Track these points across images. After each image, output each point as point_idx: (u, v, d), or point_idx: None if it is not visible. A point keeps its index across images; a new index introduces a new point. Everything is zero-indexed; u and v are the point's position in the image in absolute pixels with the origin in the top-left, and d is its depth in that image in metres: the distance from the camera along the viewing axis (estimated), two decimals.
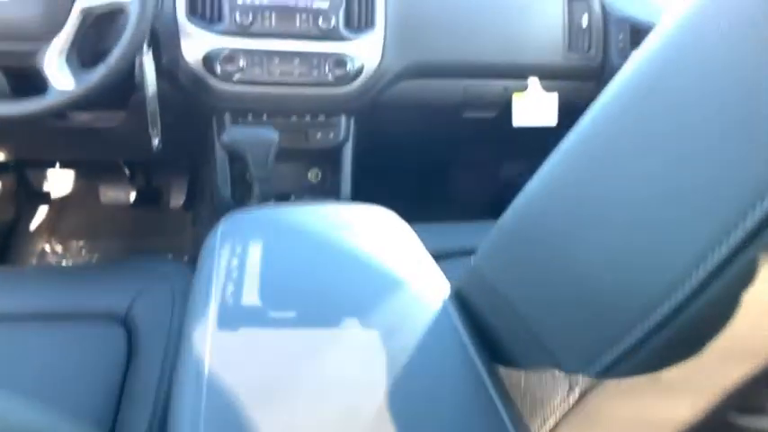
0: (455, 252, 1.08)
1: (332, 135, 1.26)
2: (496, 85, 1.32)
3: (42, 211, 1.74)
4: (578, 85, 1.37)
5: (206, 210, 1.77)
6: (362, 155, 1.32)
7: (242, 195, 1.23)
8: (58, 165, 1.64)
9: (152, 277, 0.90)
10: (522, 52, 1.30)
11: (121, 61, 0.86)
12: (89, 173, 1.75)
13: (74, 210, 1.75)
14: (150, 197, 1.76)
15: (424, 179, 1.83)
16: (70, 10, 0.84)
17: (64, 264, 0.91)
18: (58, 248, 1.70)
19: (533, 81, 1.32)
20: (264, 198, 1.06)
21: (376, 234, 0.62)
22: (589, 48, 1.33)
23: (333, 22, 1.13)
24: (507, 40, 1.28)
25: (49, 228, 1.73)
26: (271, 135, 1.03)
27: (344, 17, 1.15)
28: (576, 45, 1.33)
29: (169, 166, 1.70)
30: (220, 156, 1.23)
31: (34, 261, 1.66)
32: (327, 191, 1.32)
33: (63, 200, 1.73)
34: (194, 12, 1.09)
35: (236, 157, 1.10)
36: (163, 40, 1.07)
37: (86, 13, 0.85)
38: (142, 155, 1.48)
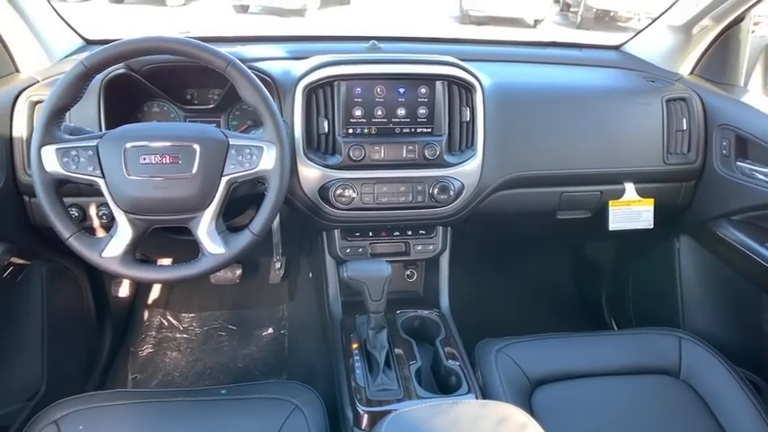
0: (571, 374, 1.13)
1: (431, 247, 1.33)
2: (592, 190, 1.34)
3: (157, 288, 1.93)
4: (676, 186, 1.37)
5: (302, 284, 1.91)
6: (457, 259, 1.38)
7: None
8: None
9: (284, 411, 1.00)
10: (619, 160, 1.32)
11: (265, 228, 0.97)
12: None
13: (185, 287, 1.93)
14: (252, 272, 1.91)
15: (516, 285, 1.89)
16: (219, 182, 0.96)
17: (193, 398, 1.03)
18: (173, 321, 1.89)
19: (629, 187, 1.33)
20: (377, 319, 1.14)
21: None
22: (688, 150, 1.33)
23: (437, 150, 1.21)
24: (605, 149, 1.31)
25: (164, 303, 1.92)
26: (385, 269, 1.11)
27: (447, 144, 1.22)
28: (674, 147, 1.33)
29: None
30: (331, 270, 1.33)
31: (153, 333, 1.85)
32: (424, 299, 1.40)
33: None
34: (311, 146, 1.19)
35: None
36: None
37: (232, 183, 0.97)
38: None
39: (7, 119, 1.13)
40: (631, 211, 1.34)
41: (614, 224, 1.35)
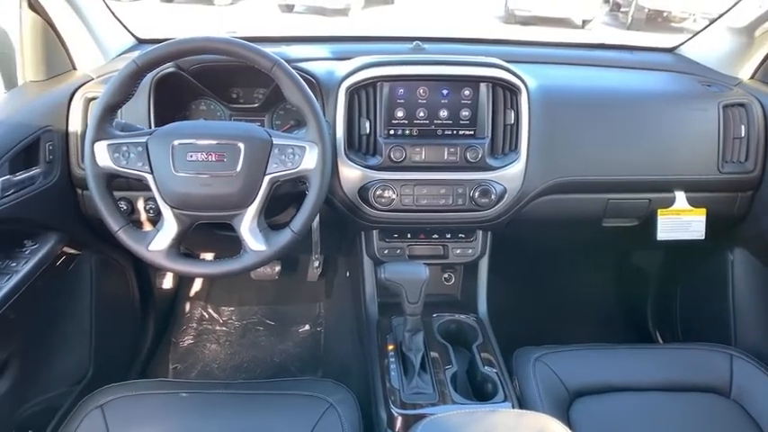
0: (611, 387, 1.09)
1: (470, 251, 1.31)
2: (641, 198, 1.29)
3: (199, 281, 1.98)
4: (731, 195, 1.30)
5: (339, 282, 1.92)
6: (496, 263, 1.36)
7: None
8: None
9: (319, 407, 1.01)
10: (670, 167, 1.26)
11: (305, 227, 0.98)
12: None
13: (226, 281, 1.97)
14: (291, 269, 1.94)
15: (557, 293, 1.84)
16: (262, 181, 0.97)
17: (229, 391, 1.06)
18: (213, 314, 1.94)
19: (680, 196, 1.28)
20: (413, 321, 1.13)
21: None
22: (746, 158, 1.26)
23: (479, 153, 1.19)
24: (655, 155, 1.26)
25: (205, 296, 1.97)
26: (423, 272, 1.10)
27: (489, 147, 1.20)
28: (730, 156, 1.26)
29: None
30: (368, 270, 1.33)
31: (194, 325, 1.90)
32: (462, 303, 1.38)
33: None
34: (352, 146, 1.20)
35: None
36: None
37: (274, 182, 0.98)
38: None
39: (64, 114, 1.18)
40: (681, 221, 1.29)
41: (662, 234, 1.29)
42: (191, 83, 1.22)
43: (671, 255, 1.69)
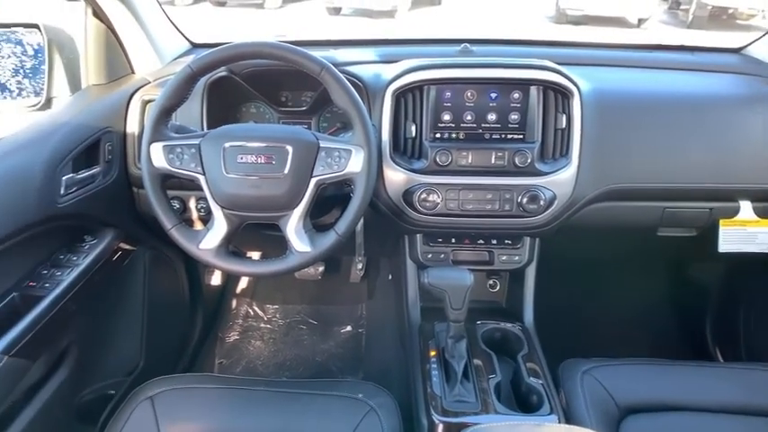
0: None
1: (517, 258, 1.28)
2: (701, 207, 1.23)
3: (245, 279, 2.03)
4: None
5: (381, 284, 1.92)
6: (543, 271, 1.32)
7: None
8: None
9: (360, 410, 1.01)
10: (734, 175, 1.19)
11: (350, 230, 0.98)
12: None
13: (271, 279, 2.01)
14: (334, 270, 1.96)
15: (607, 304, 1.78)
16: (308, 183, 0.98)
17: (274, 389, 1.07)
18: (258, 311, 1.98)
19: (745, 206, 1.20)
20: (456, 328, 1.12)
21: None
22: None
23: (528, 158, 1.16)
24: (718, 162, 1.19)
25: (251, 293, 2.02)
26: (467, 278, 1.08)
27: (539, 152, 1.17)
28: None
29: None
30: (411, 274, 1.32)
31: (240, 321, 1.95)
32: (507, 311, 1.35)
33: None
34: (397, 150, 1.19)
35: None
36: None
37: (320, 184, 0.99)
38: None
39: (122, 116, 1.23)
40: (746, 233, 1.21)
41: (725, 245, 1.22)
42: (242, 86, 1.25)
43: (733, 268, 1.60)
